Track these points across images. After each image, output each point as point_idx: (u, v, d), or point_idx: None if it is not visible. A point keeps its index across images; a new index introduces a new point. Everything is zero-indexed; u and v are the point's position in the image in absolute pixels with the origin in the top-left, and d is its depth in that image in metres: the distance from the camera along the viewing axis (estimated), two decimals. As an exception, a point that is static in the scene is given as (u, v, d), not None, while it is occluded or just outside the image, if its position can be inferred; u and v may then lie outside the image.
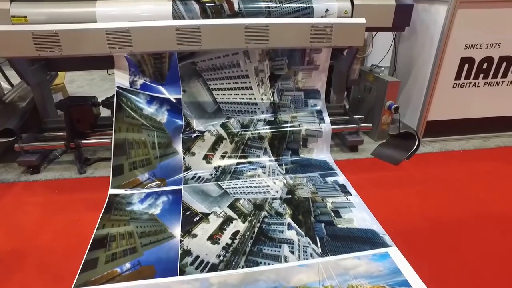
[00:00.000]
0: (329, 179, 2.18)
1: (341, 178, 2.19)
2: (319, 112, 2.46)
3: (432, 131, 2.61)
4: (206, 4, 2.03)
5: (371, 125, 2.51)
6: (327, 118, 2.43)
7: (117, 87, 2.15)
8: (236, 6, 2.04)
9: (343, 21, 1.96)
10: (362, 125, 2.46)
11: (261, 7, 2.07)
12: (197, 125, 2.31)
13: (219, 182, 2.13)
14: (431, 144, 2.66)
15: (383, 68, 2.57)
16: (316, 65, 2.37)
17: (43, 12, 1.91)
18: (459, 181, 2.20)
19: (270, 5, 2.06)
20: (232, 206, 1.91)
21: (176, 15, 2.01)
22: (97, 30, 1.81)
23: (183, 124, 2.26)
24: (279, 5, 2.08)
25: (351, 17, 2.18)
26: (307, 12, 2.12)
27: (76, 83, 4.37)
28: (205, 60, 2.26)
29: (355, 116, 2.55)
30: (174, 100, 2.27)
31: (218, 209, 1.88)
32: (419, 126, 2.61)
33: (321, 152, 2.43)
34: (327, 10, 2.14)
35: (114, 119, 2.12)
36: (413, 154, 2.46)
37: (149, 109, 2.21)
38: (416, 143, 2.52)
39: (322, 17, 2.15)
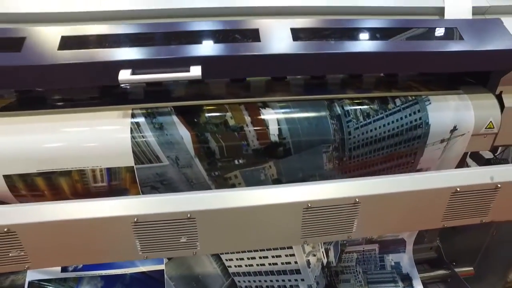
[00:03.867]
0: None
1: None
2: (406, 280, 1.32)
3: None
4: (208, 128, 0.91)
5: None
6: (422, 293, 1.32)
7: (32, 281, 1.04)
8: (273, 132, 0.92)
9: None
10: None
11: (326, 129, 0.94)
12: (193, 323, 1.21)
13: None
14: None
15: None
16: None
17: None
18: None
19: (346, 125, 0.93)
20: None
21: (142, 155, 0.88)
22: None
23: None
24: (364, 123, 0.95)
25: (497, 132, 1.05)
26: (417, 135, 0.99)
27: None
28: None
29: (461, 269, 1.44)
30: (152, 275, 1.17)
31: None
32: None
33: None
34: (455, 128, 1.01)
35: None
36: None
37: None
38: None
39: (442, 140, 1.03)
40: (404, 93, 0.99)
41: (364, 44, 0.90)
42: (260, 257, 1.23)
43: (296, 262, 1.24)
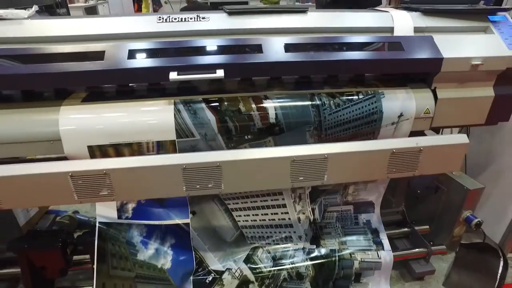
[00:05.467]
0: None
1: None
2: (374, 232, 1.71)
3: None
4: (227, 113, 1.28)
5: (444, 247, 1.78)
6: (386, 242, 1.67)
7: (100, 223, 1.42)
8: (272, 116, 1.30)
9: (435, 142, 1.20)
10: (434, 248, 1.72)
11: (309, 115, 1.32)
12: (213, 261, 1.56)
13: None
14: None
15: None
16: (376, 176, 1.62)
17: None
18: None
19: (323, 112, 1.31)
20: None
21: (182, 132, 1.26)
22: (56, 176, 1.07)
23: (194, 265, 1.53)
24: (335, 110, 1.33)
25: (433, 116, 1.43)
26: (373, 119, 1.37)
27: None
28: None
29: (419, 227, 1.82)
30: (181, 226, 1.54)
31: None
32: (505, 240, 1.86)
33: (378, 288, 1.71)
34: (401, 115, 1.39)
35: (95, 272, 1.39)
36: (502, 283, 1.74)
37: (147, 252, 1.47)
38: (502, 264, 1.79)
39: (393, 123, 1.41)
40: (365, 89, 1.36)
41: (336, 54, 1.27)
42: (262, 214, 1.60)
43: (289, 218, 1.61)
